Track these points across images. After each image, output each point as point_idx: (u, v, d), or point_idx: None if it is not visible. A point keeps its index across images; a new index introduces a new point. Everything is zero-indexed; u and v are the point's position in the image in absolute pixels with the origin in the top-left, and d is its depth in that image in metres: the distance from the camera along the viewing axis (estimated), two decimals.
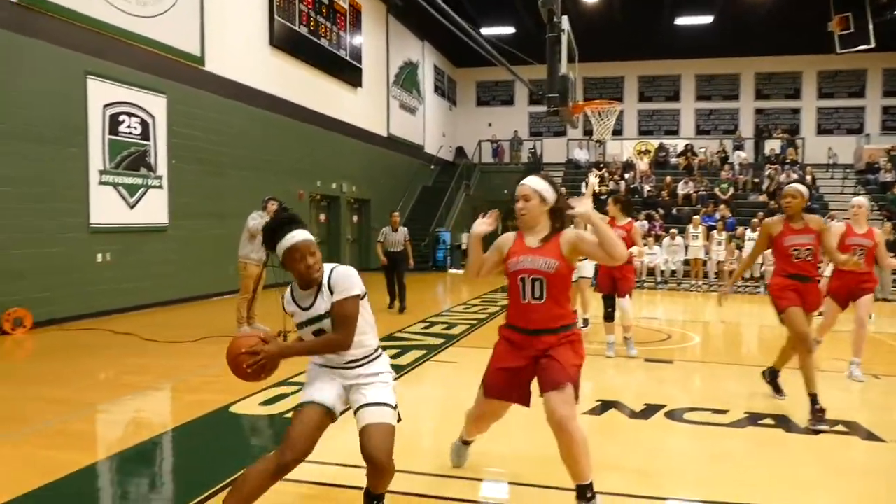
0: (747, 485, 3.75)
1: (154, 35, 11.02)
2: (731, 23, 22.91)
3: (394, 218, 11.29)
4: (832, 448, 4.49)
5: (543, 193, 3.34)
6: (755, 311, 12.89)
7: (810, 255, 5.19)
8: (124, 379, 6.28)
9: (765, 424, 4.95)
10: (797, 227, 5.22)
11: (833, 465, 4.20)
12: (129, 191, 10.60)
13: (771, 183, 20.20)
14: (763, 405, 5.55)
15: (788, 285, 5.22)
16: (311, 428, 2.80)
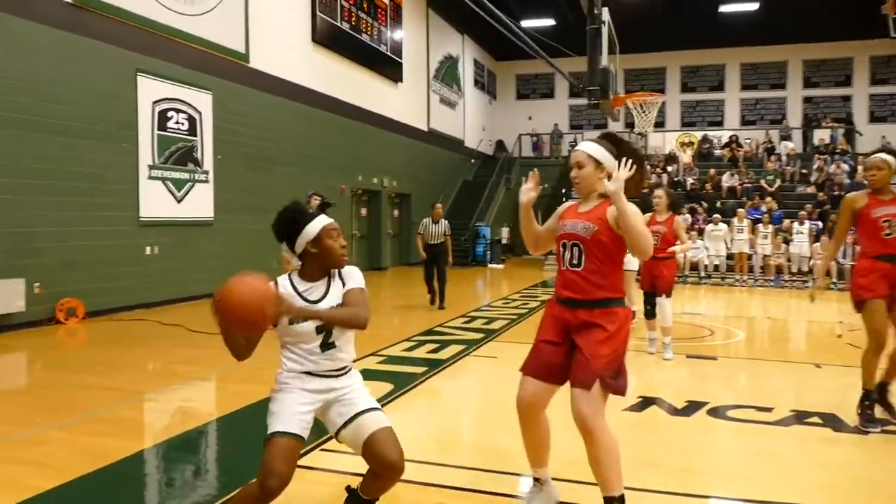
0: (791, 484, 3.68)
1: (200, 33, 11.25)
2: (777, 9, 22.29)
3: (436, 209, 10.83)
4: (884, 448, 4.37)
5: (598, 158, 3.07)
6: (803, 307, 12.59)
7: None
8: (172, 369, 6.46)
9: (812, 423, 4.84)
10: (886, 199, 4.56)
11: (883, 467, 4.09)
12: (177, 185, 10.86)
13: (820, 174, 19.66)
14: (810, 403, 5.43)
15: (877, 269, 4.56)
16: (290, 454, 2.68)
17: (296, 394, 2.83)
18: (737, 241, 16.21)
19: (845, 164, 19.75)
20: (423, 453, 3.96)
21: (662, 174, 21.01)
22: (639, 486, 3.18)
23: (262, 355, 7.15)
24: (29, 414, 4.81)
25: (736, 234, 16.27)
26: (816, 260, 15.45)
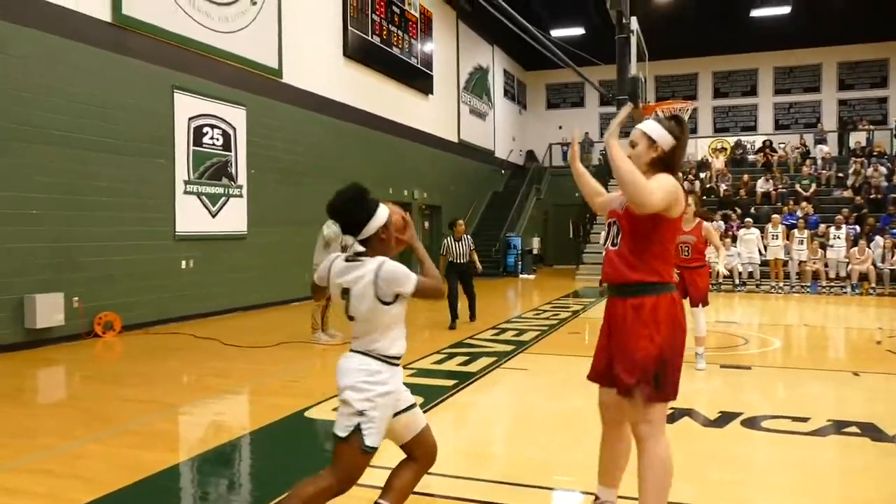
0: (830, 496, 3.61)
1: (235, 49, 11.48)
2: (810, 11, 21.97)
3: (458, 227, 10.13)
4: None
5: (653, 136, 2.85)
6: (840, 313, 12.34)
7: None
8: (206, 382, 6.57)
9: (850, 433, 4.74)
10: None
11: None
12: (212, 200, 11.06)
13: (857, 178, 19.25)
14: (848, 412, 5.33)
15: None
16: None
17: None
18: (771, 248, 15.94)
19: (883, 167, 19.33)
20: (453, 467, 3.97)
21: (695, 181, 20.77)
22: (674, 499, 3.13)
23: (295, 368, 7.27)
24: (69, 426, 4.93)
25: (771, 241, 16.01)
26: (854, 265, 15.12)
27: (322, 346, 8.22)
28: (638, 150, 2.87)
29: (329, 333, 8.56)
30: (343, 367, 2.76)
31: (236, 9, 11.54)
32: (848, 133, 23.16)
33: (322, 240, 8.48)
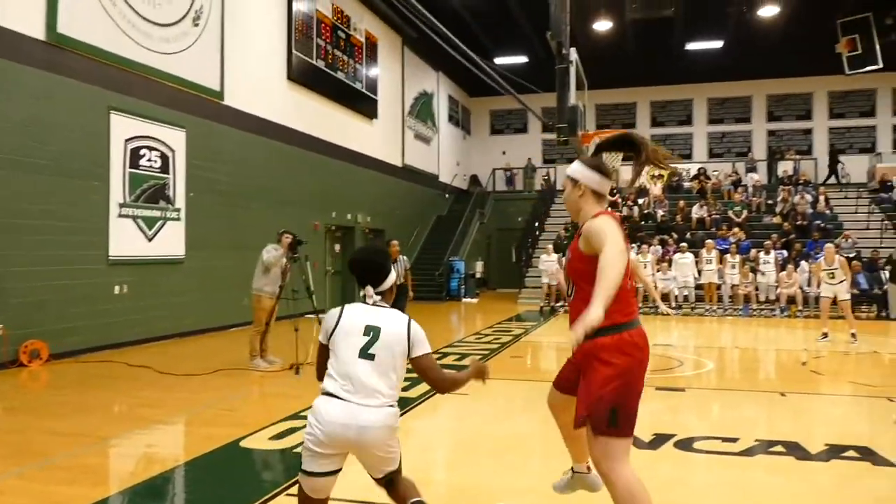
0: None
1: (176, 71, 11.32)
2: (741, 47, 23.03)
3: (392, 247, 9.80)
4: (844, 475, 4.45)
5: (574, 176, 2.93)
6: (770, 335, 12.80)
7: None
8: (138, 412, 6.38)
9: (776, 452, 4.92)
10: None
11: (844, 493, 4.17)
12: (148, 223, 10.81)
13: (785, 205, 20.11)
14: (774, 432, 5.53)
15: None
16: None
17: None
18: (705, 272, 16.46)
19: (808, 195, 20.25)
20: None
21: (634, 206, 21.34)
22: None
23: (231, 397, 7.11)
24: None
25: (705, 265, 16.53)
26: (782, 289, 15.73)
27: (260, 372, 8.09)
28: (565, 194, 3.04)
29: (268, 360, 8.43)
30: (374, 422, 2.79)
31: (178, 30, 11.41)
32: (776, 162, 24.22)
33: (262, 264, 8.37)
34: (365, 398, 2.77)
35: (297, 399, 6.44)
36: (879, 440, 5.29)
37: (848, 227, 18.62)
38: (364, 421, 2.75)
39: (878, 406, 6.41)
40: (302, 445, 2.87)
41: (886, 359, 9.64)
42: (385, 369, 2.82)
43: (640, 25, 20.88)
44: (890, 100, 24.72)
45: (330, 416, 2.76)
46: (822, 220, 19.08)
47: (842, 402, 7.02)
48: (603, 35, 21.94)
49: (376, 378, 2.80)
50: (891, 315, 15.01)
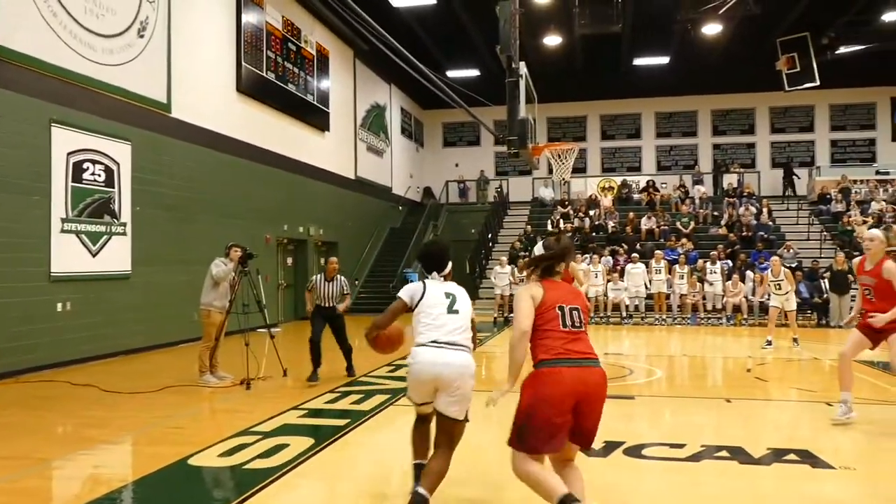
0: None
1: (120, 83, 11.10)
2: (686, 63, 23.77)
3: (330, 265, 8.76)
4: (786, 478, 4.59)
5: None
6: (717, 343, 13.13)
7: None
8: (82, 432, 6.19)
9: (720, 457, 5.05)
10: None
11: (785, 496, 4.30)
12: (92, 239, 10.53)
13: (730, 216, 20.70)
14: (720, 437, 5.67)
15: None
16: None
17: None
18: (655, 282, 16.80)
19: (752, 207, 20.89)
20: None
21: (585, 218, 21.69)
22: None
23: (179, 414, 6.97)
24: None
25: (654, 275, 16.87)
26: (728, 298, 16.16)
27: (210, 388, 7.94)
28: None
29: (218, 376, 8.29)
30: (457, 362, 3.78)
31: (122, 41, 11.20)
32: (721, 175, 24.93)
33: (211, 279, 8.24)
34: (449, 343, 3.78)
35: (249, 414, 6.35)
36: (819, 444, 5.47)
37: (790, 239, 19.25)
38: (449, 359, 3.74)
39: (818, 411, 6.64)
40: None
41: (826, 365, 9.98)
42: (465, 321, 3.89)
43: (589, 41, 21.33)
44: (827, 115, 25.76)
45: (425, 357, 3.76)
46: (765, 232, 19.69)
47: (784, 407, 7.24)
48: (553, 50, 22.34)
49: (460, 328, 3.85)
50: (830, 323, 15.56)
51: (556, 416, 3.32)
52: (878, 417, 6.71)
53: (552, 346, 3.40)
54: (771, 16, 19.12)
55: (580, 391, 3.34)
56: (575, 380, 3.34)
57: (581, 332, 3.49)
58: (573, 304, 3.51)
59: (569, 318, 3.46)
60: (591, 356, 3.46)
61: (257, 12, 15.28)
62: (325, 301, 8.60)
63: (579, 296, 3.65)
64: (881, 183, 22.40)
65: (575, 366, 3.37)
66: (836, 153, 25.66)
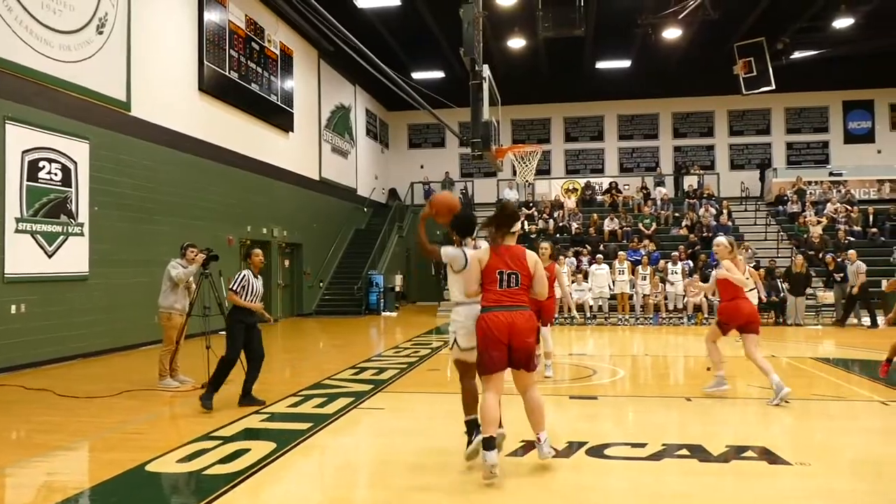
0: None
1: (78, 80, 10.86)
2: (647, 66, 24.19)
3: (255, 256, 7.24)
4: (744, 475, 4.68)
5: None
6: (679, 343, 13.33)
7: None
8: (35, 438, 6.03)
9: (681, 455, 5.12)
10: None
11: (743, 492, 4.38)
12: (48, 239, 10.28)
13: (691, 217, 21.05)
14: (680, 436, 5.76)
15: None
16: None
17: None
18: (618, 282, 17.01)
19: (712, 208, 21.28)
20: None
21: (549, 219, 21.85)
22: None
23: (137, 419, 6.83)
24: None
25: (618, 276, 17.08)
26: (689, 298, 16.43)
27: (171, 393, 7.80)
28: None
29: (178, 379, 8.15)
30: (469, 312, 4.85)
31: (81, 38, 10.95)
32: (682, 177, 25.35)
33: (170, 281, 8.09)
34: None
35: (209, 419, 6.26)
36: (776, 441, 5.59)
37: (748, 239, 19.65)
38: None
39: (775, 408, 6.77)
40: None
41: (783, 363, 10.20)
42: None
43: (553, 44, 21.50)
44: (783, 119, 26.39)
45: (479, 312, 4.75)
46: (724, 232, 20.05)
47: (743, 404, 7.38)
48: (517, 52, 22.49)
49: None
50: (788, 321, 15.93)
51: (494, 346, 4.57)
52: (833, 413, 6.90)
53: (491, 298, 4.66)
54: (728, 21, 19.51)
55: (511, 327, 4.57)
56: (506, 320, 4.58)
57: (515, 290, 4.66)
58: (512, 270, 4.67)
59: (506, 281, 4.65)
60: (519, 304, 4.67)
61: (220, 11, 15.08)
62: (258, 298, 7.14)
63: (519, 264, 4.69)
64: (834, 184, 23.02)
65: (506, 311, 4.62)
66: (792, 155, 26.30)
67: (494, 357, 4.58)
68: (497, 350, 4.57)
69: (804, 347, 12.15)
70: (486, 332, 4.58)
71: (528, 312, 4.70)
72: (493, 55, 21.45)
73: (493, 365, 4.60)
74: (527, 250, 4.87)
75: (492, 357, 4.58)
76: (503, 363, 4.62)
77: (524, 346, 4.62)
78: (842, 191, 22.50)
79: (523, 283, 4.69)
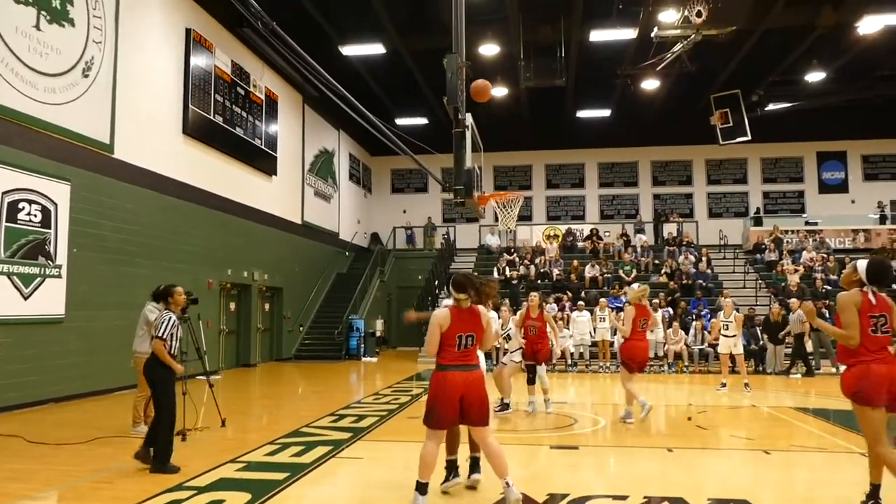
0: None
1: (62, 122, 10.87)
2: (627, 116, 24.73)
3: (178, 295, 6.90)
4: None
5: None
6: (659, 391, 13.31)
7: None
8: (3, 487, 5.83)
9: None
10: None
11: None
12: (25, 281, 10.14)
13: (670, 265, 21.24)
14: (662, 488, 5.71)
15: None
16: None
17: None
18: (599, 329, 17.02)
19: (691, 256, 21.51)
20: None
21: (530, 266, 21.94)
22: None
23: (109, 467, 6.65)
24: None
25: (598, 323, 17.10)
26: (669, 345, 16.47)
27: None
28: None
29: None
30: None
31: (66, 80, 11.00)
32: (662, 224, 25.67)
33: (147, 325, 7.98)
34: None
35: (183, 468, 6.10)
36: (758, 493, 5.57)
37: (727, 287, 19.83)
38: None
39: (757, 459, 6.76)
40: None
41: (764, 412, 10.22)
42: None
43: (535, 93, 21.94)
44: (759, 168, 26.94)
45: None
46: (704, 280, 20.26)
47: (724, 455, 7.36)
48: (500, 100, 22.89)
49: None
50: (767, 370, 15.99)
51: (446, 404, 4.89)
52: (815, 464, 6.89)
53: (449, 357, 4.97)
54: (705, 73, 20.05)
55: (465, 385, 4.90)
56: (462, 379, 4.91)
57: (469, 350, 5.01)
58: (469, 333, 5.00)
59: (463, 343, 4.98)
60: (472, 363, 5.03)
61: (206, 56, 15.24)
62: (177, 352, 6.56)
63: (476, 325, 5.03)
64: (810, 233, 23.42)
65: (461, 370, 4.95)
66: (769, 204, 26.76)
67: (444, 414, 4.90)
68: (449, 407, 4.89)
69: (784, 396, 12.18)
70: (440, 390, 4.91)
71: (480, 371, 5.10)
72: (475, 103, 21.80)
73: (441, 421, 4.94)
74: (482, 309, 5.16)
75: (442, 414, 4.90)
76: (452, 420, 4.97)
77: (478, 402, 4.94)
78: (817, 239, 22.89)
79: (477, 342, 5.08)
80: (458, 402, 4.89)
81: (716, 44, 17.21)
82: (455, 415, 4.91)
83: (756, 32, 17.93)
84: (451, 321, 4.97)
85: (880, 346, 4.71)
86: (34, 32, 10.39)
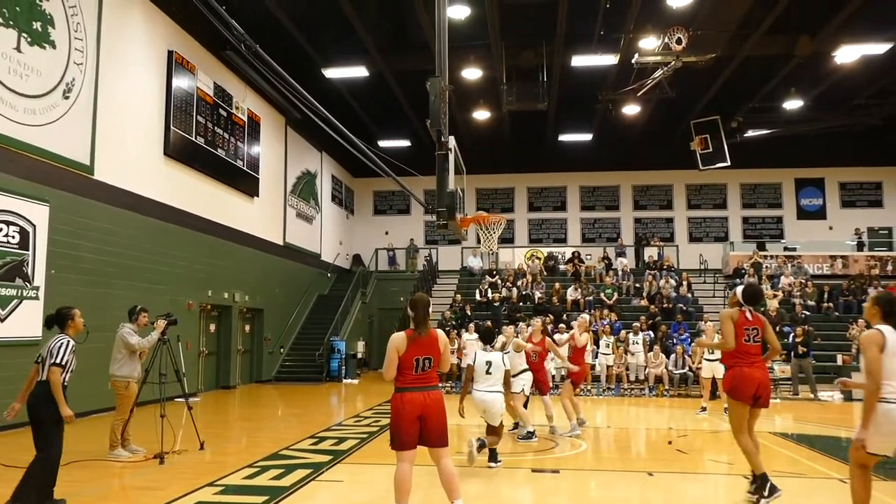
0: None
1: (41, 143, 10.80)
2: (608, 140, 25.04)
3: (78, 318, 6.88)
4: None
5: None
6: (640, 414, 13.35)
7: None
8: None
9: None
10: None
11: None
12: (2, 303, 10.01)
13: (651, 288, 21.39)
14: None
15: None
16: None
17: None
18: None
19: (672, 279, 21.67)
20: None
21: (512, 288, 21.99)
22: None
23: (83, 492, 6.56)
24: None
25: None
26: (650, 368, 16.54)
27: (122, 463, 7.52)
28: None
29: (130, 449, 7.89)
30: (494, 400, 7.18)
31: (47, 102, 10.96)
32: (643, 248, 25.88)
33: (127, 349, 7.92)
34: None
35: (160, 492, 6.04)
36: None
37: (707, 311, 19.98)
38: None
39: (737, 484, 6.79)
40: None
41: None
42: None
43: (517, 116, 22.18)
44: (739, 194, 27.30)
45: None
46: (684, 304, 20.40)
47: (703, 480, 7.39)
48: (482, 123, 23.11)
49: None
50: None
51: (406, 424, 4.97)
52: (793, 490, 6.93)
53: (406, 380, 5.07)
54: (685, 99, 20.39)
55: (424, 406, 4.98)
56: (420, 399, 5.00)
57: (428, 372, 5.10)
58: (426, 356, 5.08)
59: (420, 366, 5.06)
60: (430, 384, 5.11)
61: (188, 77, 15.26)
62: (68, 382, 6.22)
63: (433, 348, 5.10)
64: (788, 259, 23.71)
65: (419, 391, 5.04)
66: (748, 229, 27.10)
67: (406, 435, 4.99)
68: (411, 427, 4.98)
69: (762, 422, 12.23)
70: (400, 410, 5.00)
71: (439, 392, 5.17)
72: (458, 126, 22.01)
73: (404, 443, 5.02)
74: (439, 333, 5.27)
75: (404, 436, 4.99)
76: (414, 441, 5.01)
77: (437, 422, 5.04)
78: (796, 265, 23.16)
79: (434, 365, 5.16)
80: (417, 421, 4.96)
81: (696, 70, 17.53)
82: (416, 435, 4.98)
83: (735, 60, 18.28)
84: (406, 346, 5.05)
85: (753, 353, 6.02)
86: (15, 54, 10.36)
